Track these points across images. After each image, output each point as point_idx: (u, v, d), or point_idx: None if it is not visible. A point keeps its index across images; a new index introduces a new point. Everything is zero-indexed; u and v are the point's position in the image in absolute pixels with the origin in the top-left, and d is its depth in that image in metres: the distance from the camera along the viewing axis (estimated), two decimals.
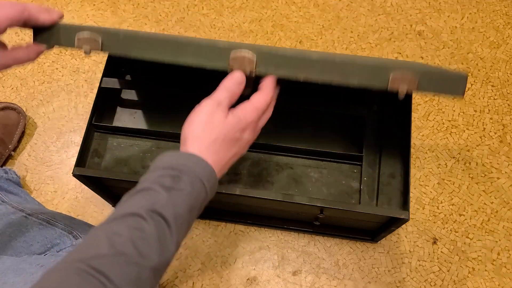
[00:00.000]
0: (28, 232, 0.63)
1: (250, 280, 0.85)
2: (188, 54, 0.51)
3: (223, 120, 0.48)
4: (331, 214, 0.72)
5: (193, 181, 0.45)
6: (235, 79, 0.50)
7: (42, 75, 1.02)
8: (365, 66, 0.48)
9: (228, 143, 0.49)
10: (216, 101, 0.49)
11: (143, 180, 0.45)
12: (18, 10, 0.48)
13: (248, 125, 0.50)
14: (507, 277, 0.85)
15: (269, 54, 0.49)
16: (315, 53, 0.50)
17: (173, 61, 0.51)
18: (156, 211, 0.41)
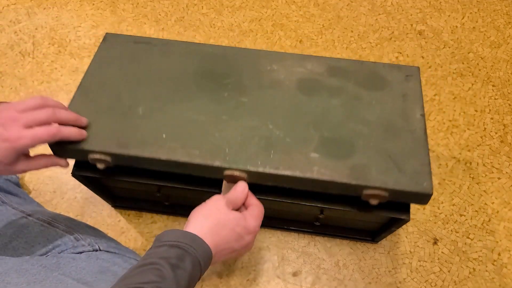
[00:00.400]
0: (29, 233, 0.63)
1: (250, 281, 0.84)
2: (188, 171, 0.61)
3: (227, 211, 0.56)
4: (331, 215, 0.72)
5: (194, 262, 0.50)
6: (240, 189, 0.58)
7: (41, 75, 1.02)
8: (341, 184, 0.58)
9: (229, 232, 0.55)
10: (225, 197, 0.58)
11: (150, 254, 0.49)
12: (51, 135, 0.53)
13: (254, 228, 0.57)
14: (507, 278, 0.84)
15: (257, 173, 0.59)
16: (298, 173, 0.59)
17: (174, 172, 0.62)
18: None
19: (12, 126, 0.52)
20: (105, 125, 0.61)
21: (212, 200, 0.58)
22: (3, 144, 0.51)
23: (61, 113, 0.55)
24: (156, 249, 0.50)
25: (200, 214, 0.56)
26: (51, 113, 0.54)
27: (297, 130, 0.62)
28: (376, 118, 0.64)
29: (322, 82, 0.68)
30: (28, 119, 0.52)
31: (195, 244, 0.51)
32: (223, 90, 0.66)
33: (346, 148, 0.61)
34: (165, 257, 0.48)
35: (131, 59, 0.70)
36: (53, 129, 0.53)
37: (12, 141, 0.51)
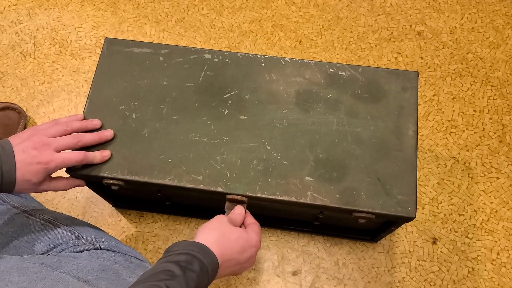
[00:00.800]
0: (30, 232, 0.63)
1: (250, 280, 0.85)
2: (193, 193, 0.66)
3: (230, 226, 0.61)
4: (331, 214, 0.72)
5: (202, 266, 0.53)
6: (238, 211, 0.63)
7: (43, 75, 1.03)
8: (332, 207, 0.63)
9: (233, 243, 0.59)
10: (228, 216, 0.63)
11: (161, 263, 0.53)
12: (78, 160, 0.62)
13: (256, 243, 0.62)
14: (506, 277, 0.85)
15: (255, 197, 0.64)
16: None
17: None
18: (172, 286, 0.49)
19: (45, 150, 0.58)
20: (115, 150, 0.66)
21: (216, 218, 0.63)
22: (37, 166, 0.58)
23: (85, 138, 0.63)
24: (166, 258, 0.53)
25: (206, 228, 0.60)
26: (77, 140, 0.62)
27: (293, 152, 0.66)
28: (369, 137, 0.67)
29: (319, 94, 0.70)
30: (58, 144, 0.60)
31: (202, 252, 0.54)
32: (223, 106, 0.69)
33: (338, 171, 0.65)
34: (175, 261, 0.52)
35: (133, 73, 0.71)
36: (80, 156, 0.61)
37: (44, 164, 0.58)
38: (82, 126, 0.65)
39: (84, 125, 0.65)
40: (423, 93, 1.01)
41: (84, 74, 1.03)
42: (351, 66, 0.72)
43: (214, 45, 1.06)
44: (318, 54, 1.05)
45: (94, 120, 0.67)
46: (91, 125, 0.66)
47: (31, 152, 0.58)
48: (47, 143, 0.59)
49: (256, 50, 1.05)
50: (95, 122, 0.67)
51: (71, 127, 0.63)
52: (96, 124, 0.67)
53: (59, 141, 0.60)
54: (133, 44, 0.73)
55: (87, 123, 0.66)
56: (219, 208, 0.84)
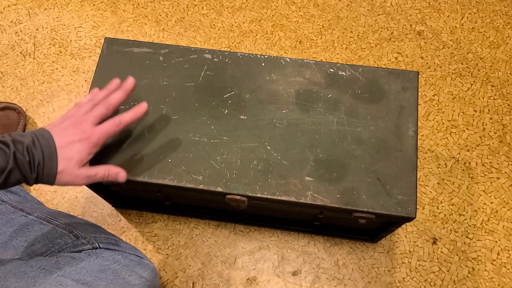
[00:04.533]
0: (29, 232, 0.63)
1: (250, 280, 0.85)
2: (193, 193, 0.66)
3: None
4: (331, 214, 0.72)
5: None
6: None
7: (42, 75, 1.02)
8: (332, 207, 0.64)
9: None
10: None
11: None
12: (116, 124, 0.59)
13: None
14: (506, 277, 0.85)
15: (255, 198, 0.64)
16: None
17: None
18: None
19: (85, 127, 0.57)
20: (116, 150, 0.66)
21: None
22: (83, 143, 0.56)
23: (112, 99, 0.60)
24: None
25: None
26: (107, 105, 0.60)
27: (293, 152, 0.66)
28: (369, 137, 0.67)
29: (319, 94, 0.69)
30: (92, 117, 0.58)
31: None
32: (223, 106, 0.69)
33: (338, 171, 0.65)
34: None
35: (133, 73, 0.71)
36: (116, 120, 0.59)
37: (88, 138, 0.57)
38: (106, 94, 0.62)
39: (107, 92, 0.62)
40: (423, 93, 1.00)
41: (84, 74, 1.03)
42: (351, 66, 0.71)
43: (214, 45, 1.06)
44: (318, 54, 1.05)
45: (113, 80, 0.64)
46: (113, 87, 0.63)
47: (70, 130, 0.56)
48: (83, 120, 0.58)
49: (256, 50, 1.05)
50: (115, 81, 0.63)
51: (97, 99, 0.61)
52: (117, 83, 0.63)
53: (92, 114, 0.59)
54: (133, 44, 0.73)
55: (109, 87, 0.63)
56: (219, 208, 0.84)
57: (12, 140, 0.52)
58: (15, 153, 0.51)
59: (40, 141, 0.54)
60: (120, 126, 0.60)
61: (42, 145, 0.54)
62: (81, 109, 0.59)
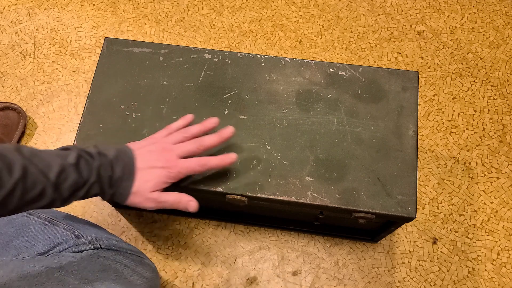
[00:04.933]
0: (30, 232, 0.63)
1: (250, 280, 0.85)
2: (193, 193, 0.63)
3: None
4: (331, 214, 0.72)
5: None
6: None
7: (42, 75, 1.02)
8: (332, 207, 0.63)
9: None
10: None
11: None
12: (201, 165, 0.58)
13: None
14: (506, 277, 0.85)
15: (256, 198, 0.64)
16: None
17: None
18: None
19: (170, 156, 0.57)
20: None
21: None
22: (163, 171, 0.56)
23: (206, 141, 0.59)
24: None
25: None
26: (199, 144, 0.59)
27: (293, 152, 0.66)
28: (369, 137, 0.67)
29: (319, 94, 0.69)
30: (181, 150, 0.58)
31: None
32: (223, 106, 0.69)
33: (338, 171, 0.65)
34: None
35: (133, 73, 0.71)
36: (203, 160, 0.58)
37: (167, 168, 0.56)
38: (201, 130, 0.61)
39: (203, 128, 0.61)
40: (423, 93, 1.00)
41: (84, 74, 1.03)
42: (351, 66, 0.72)
43: (214, 45, 1.06)
44: (318, 54, 1.05)
45: (211, 119, 0.62)
46: (209, 126, 0.62)
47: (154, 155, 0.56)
48: (170, 149, 0.57)
49: (256, 50, 1.05)
50: (213, 120, 0.62)
51: (191, 133, 0.60)
52: (214, 122, 0.62)
53: (182, 147, 0.58)
54: (133, 44, 0.73)
55: (205, 124, 0.61)
56: (219, 208, 0.84)
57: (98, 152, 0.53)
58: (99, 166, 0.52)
59: (123, 158, 0.54)
60: (204, 168, 0.58)
61: (124, 162, 0.54)
62: (171, 137, 0.59)
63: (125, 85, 0.70)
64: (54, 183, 0.48)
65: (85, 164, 0.51)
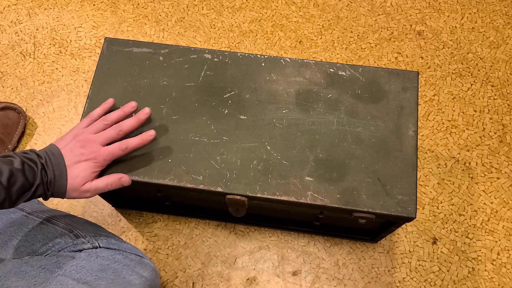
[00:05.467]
0: (29, 231, 0.63)
1: (250, 280, 0.85)
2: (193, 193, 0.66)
3: None
4: (331, 214, 0.72)
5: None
6: None
7: (42, 75, 1.02)
8: (333, 207, 0.63)
9: None
10: None
11: None
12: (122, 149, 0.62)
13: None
14: (506, 277, 0.85)
15: (255, 198, 0.64)
16: None
17: None
18: None
19: (91, 146, 0.60)
20: None
21: None
22: (88, 162, 0.60)
23: (126, 126, 0.63)
24: None
25: None
26: (119, 130, 0.62)
27: (293, 152, 0.66)
28: (369, 137, 0.67)
29: (319, 94, 0.69)
30: (102, 138, 0.61)
31: None
32: (223, 106, 0.69)
33: (338, 171, 0.65)
34: None
35: (133, 73, 0.71)
36: (123, 144, 0.62)
37: (93, 158, 0.60)
38: (120, 115, 0.65)
39: (122, 113, 0.65)
40: (423, 93, 1.00)
41: (84, 74, 1.03)
42: (351, 66, 0.71)
43: (214, 45, 1.06)
44: (318, 54, 1.05)
45: (130, 103, 0.66)
46: (128, 110, 0.65)
47: (78, 150, 0.60)
48: (92, 139, 0.61)
49: (256, 50, 1.05)
50: (132, 104, 0.66)
51: (110, 120, 0.64)
52: (133, 106, 0.66)
53: (103, 135, 0.62)
54: (133, 44, 0.73)
55: (124, 109, 0.65)
56: (219, 208, 0.84)
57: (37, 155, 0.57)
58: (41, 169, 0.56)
59: (52, 160, 0.58)
60: (125, 151, 0.62)
61: (53, 164, 0.58)
62: (92, 127, 0.63)
63: (125, 85, 0.70)
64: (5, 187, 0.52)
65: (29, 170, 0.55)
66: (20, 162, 0.54)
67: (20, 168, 0.54)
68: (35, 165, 0.56)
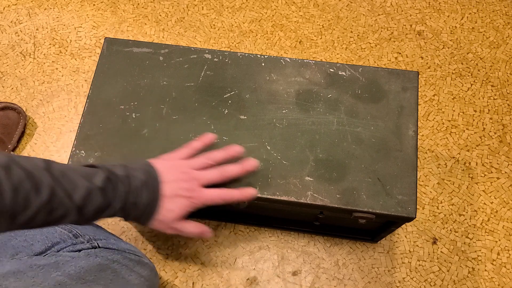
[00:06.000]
0: (28, 232, 0.63)
1: (250, 280, 0.85)
2: None
3: None
4: (331, 214, 0.72)
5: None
6: None
7: (42, 75, 1.02)
8: (333, 207, 0.63)
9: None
10: None
11: None
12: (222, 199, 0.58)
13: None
14: (506, 277, 0.85)
15: (256, 197, 0.63)
16: None
17: None
18: None
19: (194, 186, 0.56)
20: (115, 149, 0.66)
21: None
22: (187, 200, 0.55)
23: (229, 171, 0.60)
24: None
25: None
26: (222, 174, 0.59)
27: (293, 152, 0.66)
28: (369, 137, 0.67)
29: (319, 94, 0.69)
30: (205, 179, 0.57)
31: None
32: (223, 106, 0.69)
33: (338, 171, 0.65)
34: None
35: (133, 73, 0.71)
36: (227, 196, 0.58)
37: (193, 198, 0.56)
38: (225, 158, 0.61)
39: (227, 156, 0.61)
40: (423, 93, 1.00)
41: (84, 74, 1.03)
42: (351, 66, 0.72)
43: (214, 45, 1.06)
44: (318, 54, 1.05)
45: (235, 147, 0.62)
46: (233, 154, 0.62)
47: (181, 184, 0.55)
48: (195, 178, 0.57)
49: (256, 50, 1.05)
50: (237, 149, 0.62)
51: (214, 160, 0.60)
52: (238, 151, 0.62)
53: (206, 176, 0.58)
54: (133, 44, 0.73)
55: (229, 152, 0.62)
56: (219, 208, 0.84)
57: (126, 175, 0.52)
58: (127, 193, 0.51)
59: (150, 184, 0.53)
60: (225, 201, 0.59)
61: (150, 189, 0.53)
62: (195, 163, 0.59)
63: (125, 85, 0.70)
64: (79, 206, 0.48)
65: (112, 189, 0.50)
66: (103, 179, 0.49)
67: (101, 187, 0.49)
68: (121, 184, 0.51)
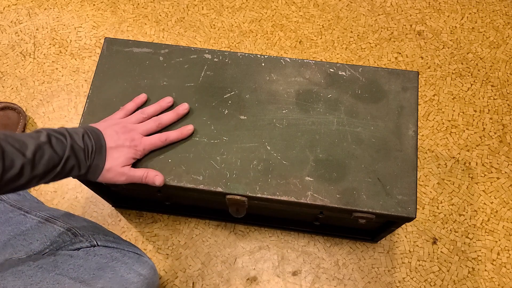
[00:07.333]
0: (27, 230, 0.63)
1: (250, 280, 0.85)
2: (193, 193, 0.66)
3: None
4: (331, 214, 0.72)
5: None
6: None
7: (42, 75, 1.02)
8: (333, 207, 0.63)
9: None
10: None
11: None
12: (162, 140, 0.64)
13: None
14: (506, 277, 0.85)
15: (256, 198, 0.64)
16: None
17: None
18: None
19: (134, 135, 0.62)
20: None
21: None
22: (129, 149, 0.60)
23: (164, 119, 0.65)
24: None
25: None
26: (158, 123, 0.64)
27: (293, 152, 0.66)
28: (369, 137, 0.67)
29: (319, 94, 0.69)
30: (142, 129, 0.63)
31: None
32: (223, 106, 0.69)
33: (338, 171, 0.65)
34: None
35: (133, 73, 0.71)
36: (163, 136, 0.64)
37: (135, 146, 0.61)
38: (157, 109, 0.66)
39: (159, 107, 0.66)
40: (423, 93, 1.00)
41: (84, 74, 1.03)
42: (351, 66, 0.72)
43: (214, 45, 1.06)
44: (318, 54, 1.05)
45: (166, 99, 0.67)
46: (165, 105, 0.67)
47: (121, 135, 0.60)
48: (133, 128, 0.62)
49: (256, 50, 1.05)
50: (168, 99, 0.67)
51: (148, 113, 0.65)
52: (169, 101, 0.67)
53: (143, 126, 0.63)
54: (133, 44, 0.73)
55: (161, 104, 0.67)
56: (219, 208, 0.84)
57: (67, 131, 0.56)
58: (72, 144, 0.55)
59: (92, 135, 0.58)
60: (165, 143, 0.64)
61: (93, 138, 0.58)
62: (131, 118, 0.64)
63: (125, 85, 0.70)
64: (31, 160, 0.51)
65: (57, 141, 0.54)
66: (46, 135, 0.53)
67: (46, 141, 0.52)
68: (63, 137, 0.54)
